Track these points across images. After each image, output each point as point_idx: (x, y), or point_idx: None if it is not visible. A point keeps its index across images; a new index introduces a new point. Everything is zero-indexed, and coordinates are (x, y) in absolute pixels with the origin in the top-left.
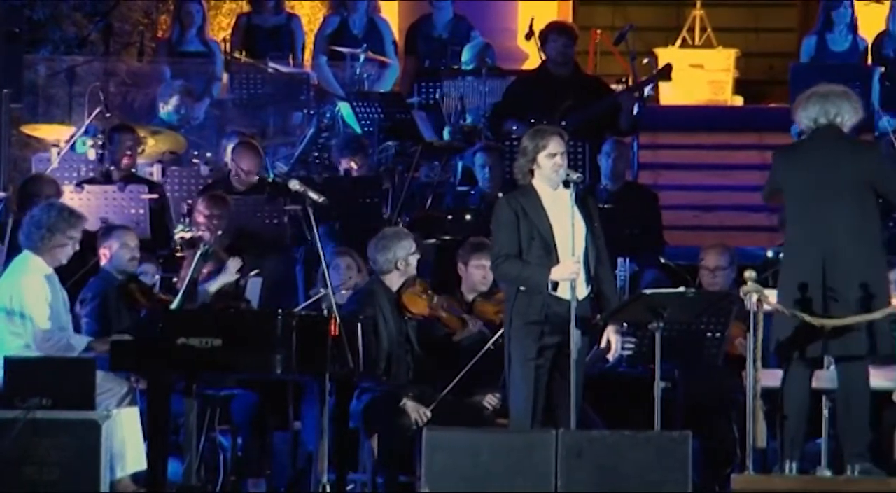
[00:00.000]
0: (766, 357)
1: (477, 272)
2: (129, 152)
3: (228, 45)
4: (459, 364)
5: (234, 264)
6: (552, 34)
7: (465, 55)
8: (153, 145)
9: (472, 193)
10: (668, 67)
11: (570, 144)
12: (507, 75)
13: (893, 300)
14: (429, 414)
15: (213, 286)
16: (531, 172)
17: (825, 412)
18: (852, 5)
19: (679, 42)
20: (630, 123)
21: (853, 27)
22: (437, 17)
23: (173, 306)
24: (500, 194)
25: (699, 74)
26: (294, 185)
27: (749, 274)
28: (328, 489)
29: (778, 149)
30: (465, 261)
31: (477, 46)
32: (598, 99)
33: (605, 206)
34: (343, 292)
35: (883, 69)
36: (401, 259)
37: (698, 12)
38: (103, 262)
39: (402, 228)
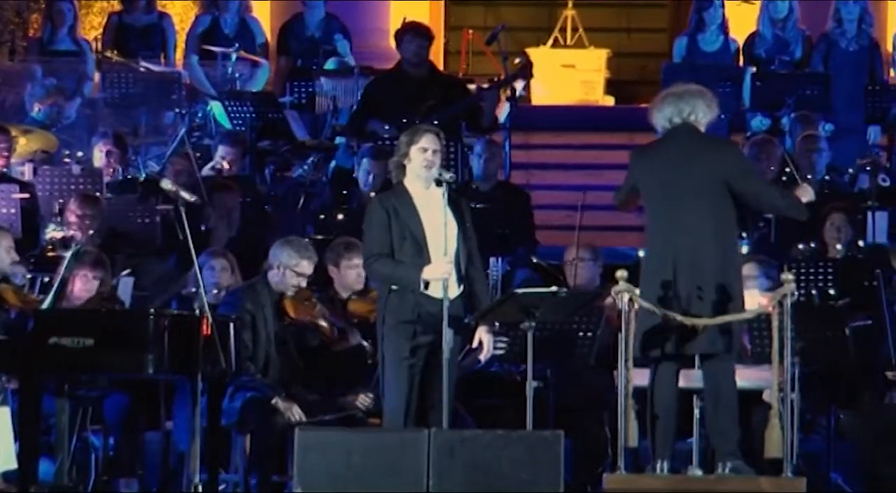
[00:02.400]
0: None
1: (351, 272)
2: (4, 153)
3: (100, 44)
4: (334, 374)
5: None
6: (407, 35)
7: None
8: (24, 144)
9: (349, 194)
10: (529, 65)
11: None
12: (380, 75)
13: (761, 300)
14: (302, 415)
15: None
16: (403, 170)
17: (696, 412)
18: (723, 6)
19: (551, 42)
20: (490, 121)
21: (724, 28)
22: (308, 17)
23: (44, 305)
24: (372, 194)
25: (571, 74)
26: (166, 184)
27: (620, 274)
28: (200, 489)
29: (634, 149)
30: (335, 262)
31: (335, 63)
32: (459, 98)
33: (477, 205)
34: (215, 292)
35: (754, 69)
36: (281, 263)
37: (570, 12)
38: None
39: (301, 241)
